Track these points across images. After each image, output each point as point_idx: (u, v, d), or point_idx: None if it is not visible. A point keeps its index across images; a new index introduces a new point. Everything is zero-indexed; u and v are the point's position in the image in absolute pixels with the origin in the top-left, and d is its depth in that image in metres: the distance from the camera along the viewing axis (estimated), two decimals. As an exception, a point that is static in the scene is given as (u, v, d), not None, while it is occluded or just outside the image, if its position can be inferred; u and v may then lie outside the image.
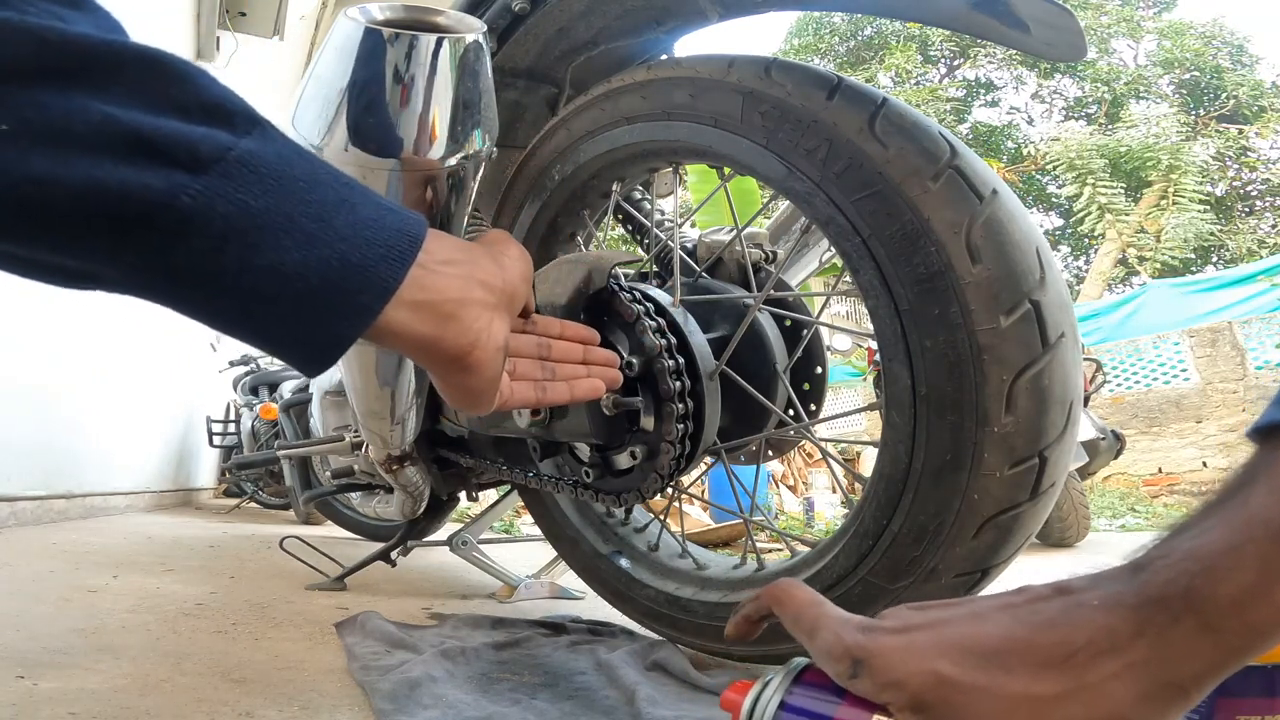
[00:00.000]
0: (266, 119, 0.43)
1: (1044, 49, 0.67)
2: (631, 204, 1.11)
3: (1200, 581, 0.31)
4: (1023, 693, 0.32)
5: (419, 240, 0.46)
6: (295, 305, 0.42)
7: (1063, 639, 0.33)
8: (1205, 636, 0.30)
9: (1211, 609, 0.30)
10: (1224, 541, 0.31)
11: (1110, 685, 0.31)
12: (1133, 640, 0.31)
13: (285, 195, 0.41)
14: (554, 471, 0.98)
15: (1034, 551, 3.03)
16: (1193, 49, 16.14)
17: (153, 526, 2.96)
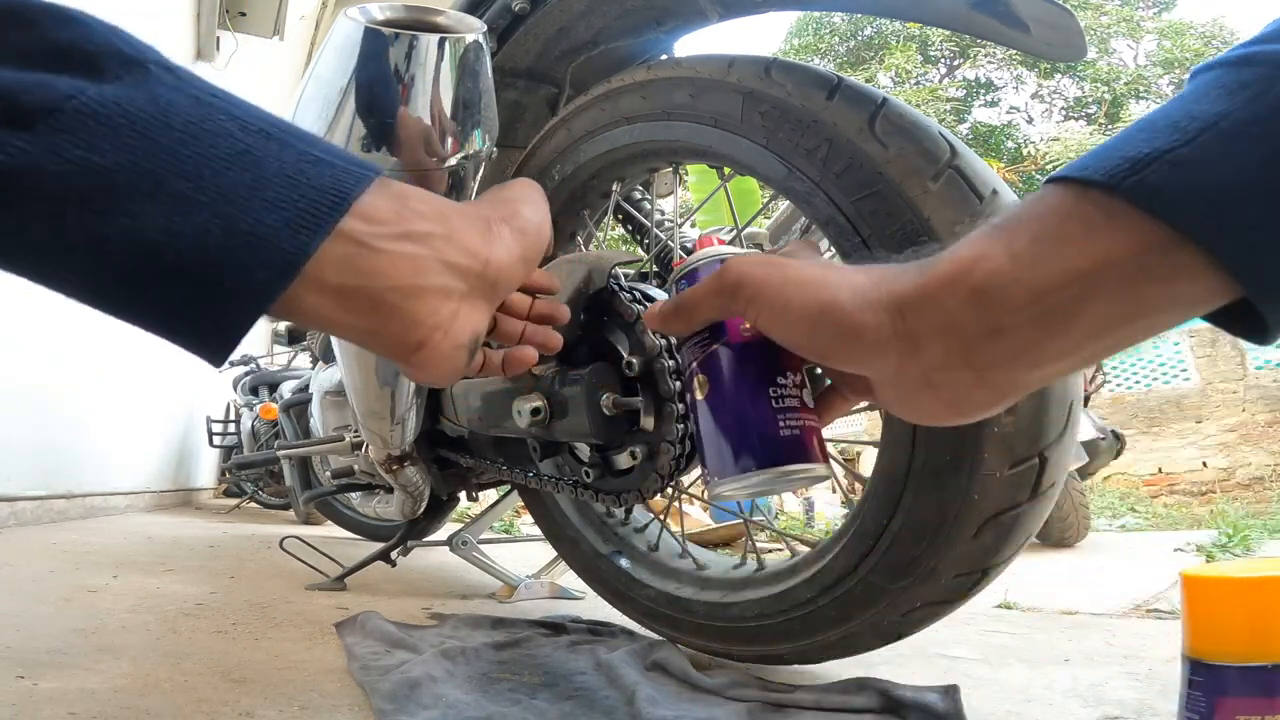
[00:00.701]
0: (161, 60, 0.36)
1: (1044, 49, 0.67)
2: (631, 204, 1.11)
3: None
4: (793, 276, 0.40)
5: (346, 200, 0.37)
6: (166, 284, 0.35)
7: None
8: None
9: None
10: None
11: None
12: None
13: (150, 150, 0.34)
14: (554, 471, 0.98)
15: (1034, 551, 3.03)
16: (1193, 49, 16.14)
17: (153, 526, 2.96)
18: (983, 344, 0.35)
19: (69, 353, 2.95)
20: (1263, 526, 4.02)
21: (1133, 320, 0.34)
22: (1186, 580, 0.57)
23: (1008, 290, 0.34)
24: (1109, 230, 0.33)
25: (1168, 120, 0.33)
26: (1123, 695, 0.90)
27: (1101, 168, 0.33)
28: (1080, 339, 0.34)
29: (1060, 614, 1.57)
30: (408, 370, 0.45)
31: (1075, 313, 0.34)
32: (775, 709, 0.78)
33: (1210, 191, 0.32)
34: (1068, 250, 0.33)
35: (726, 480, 0.45)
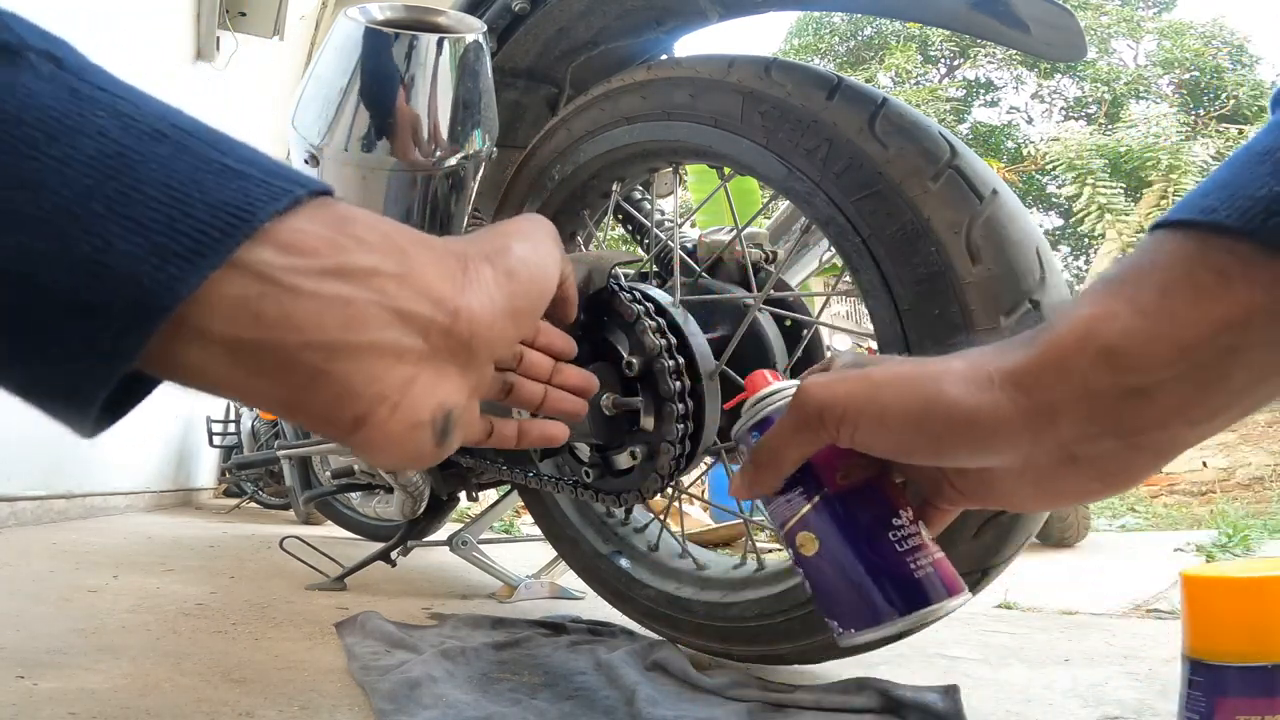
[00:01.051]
0: (47, 50, 0.28)
1: (1044, 49, 0.67)
2: (631, 204, 1.11)
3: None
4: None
5: (251, 220, 0.27)
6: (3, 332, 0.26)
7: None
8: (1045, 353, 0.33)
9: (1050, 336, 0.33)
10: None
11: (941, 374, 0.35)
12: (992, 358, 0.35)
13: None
14: (554, 471, 0.98)
15: (1034, 551, 3.03)
16: (1193, 49, 16.14)
17: (153, 526, 2.96)
18: (1128, 407, 0.32)
19: (69, 353, 2.95)
20: (1263, 526, 4.02)
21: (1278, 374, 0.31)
22: (1186, 580, 0.57)
23: (1147, 347, 0.31)
24: (1249, 278, 0.30)
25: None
26: (1123, 695, 0.90)
27: (1227, 210, 0.30)
28: (1240, 389, 0.31)
29: (1060, 614, 1.57)
30: (355, 451, 0.34)
31: (1229, 364, 0.30)
32: (775, 709, 0.78)
33: None
34: (1203, 303, 0.30)
35: (865, 632, 0.42)
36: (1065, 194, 13.77)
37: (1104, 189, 11.90)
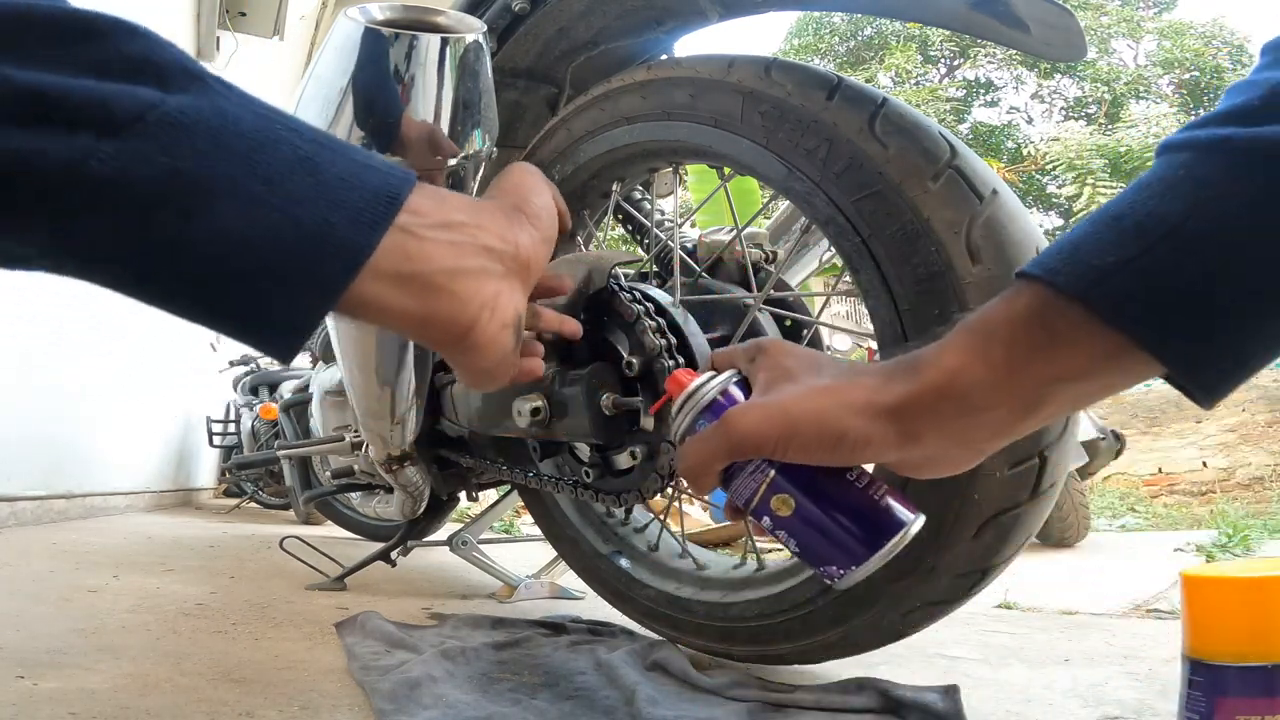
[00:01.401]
0: (215, 76, 0.38)
1: (1044, 49, 0.67)
2: (631, 204, 1.11)
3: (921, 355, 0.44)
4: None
5: (398, 200, 0.40)
6: (243, 280, 0.37)
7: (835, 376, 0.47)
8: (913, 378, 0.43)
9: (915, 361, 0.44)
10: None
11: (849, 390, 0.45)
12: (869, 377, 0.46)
13: (225, 156, 0.36)
14: (554, 471, 0.98)
15: (1034, 551, 3.03)
16: (1193, 49, 16.15)
17: (153, 526, 2.96)
18: (968, 431, 0.43)
19: (69, 353, 2.95)
20: (1263, 526, 4.02)
21: (1089, 399, 0.42)
22: (1186, 580, 0.57)
23: (988, 395, 0.41)
24: (1072, 339, 0.39)
25: (1134, 220, 0.38)
26: (1123, 695, 0.90)
27: (1068, 273, 0.38)
28: (1042, 418, 0.42)
29: (1060, 614, 1.57)
30: (462, 361, 0.46)
31: (1043, 404, 0.41)
32: (775, 709, 0.78)
33: (1160, 304, 0.37)
34: (1036, 358, 0.40)
35: (863, 566, 0.47)
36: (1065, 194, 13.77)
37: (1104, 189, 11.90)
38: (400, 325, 0.43)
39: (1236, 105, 0.38)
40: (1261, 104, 0.37)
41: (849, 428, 0.44)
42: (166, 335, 4.04)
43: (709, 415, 0.50)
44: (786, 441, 0.45)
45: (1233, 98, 0.39)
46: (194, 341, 4.71)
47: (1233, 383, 0.39)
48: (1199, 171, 0.38)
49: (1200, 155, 0.38)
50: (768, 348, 0.50)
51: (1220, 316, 0.37)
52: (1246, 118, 0.37)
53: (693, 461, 0.49)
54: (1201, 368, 0.38)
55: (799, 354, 0.50)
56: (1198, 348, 0.38)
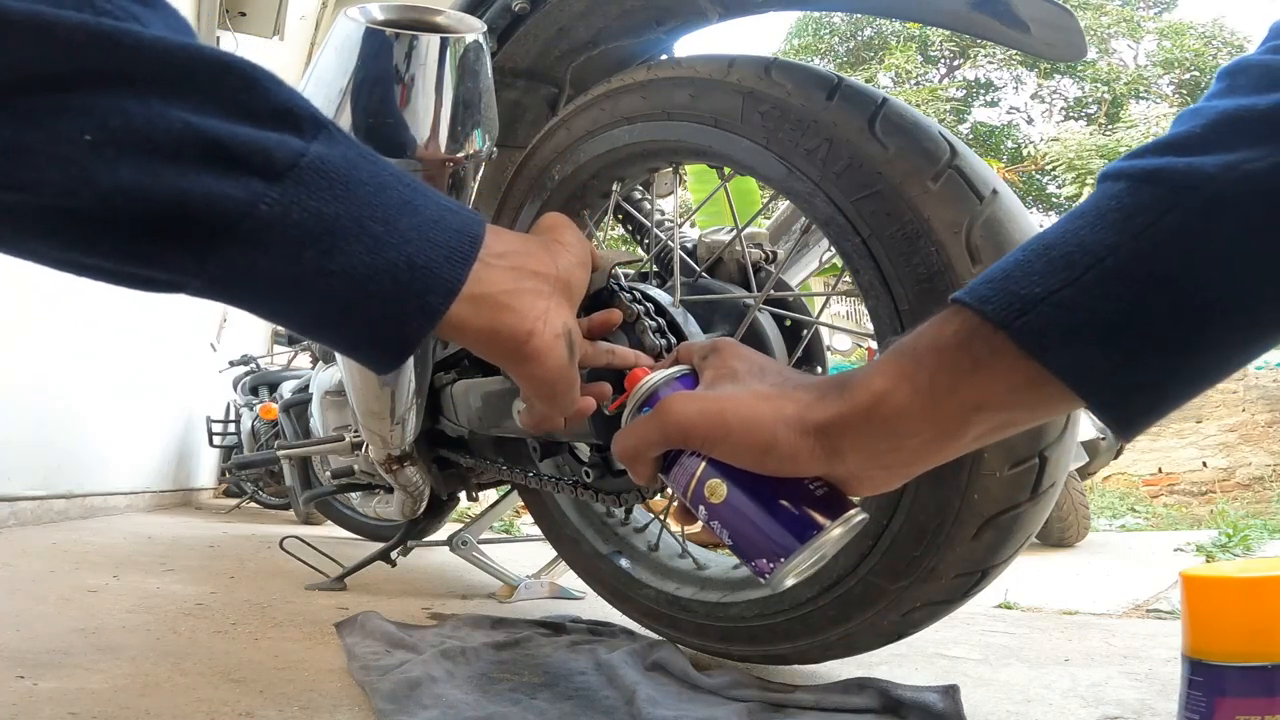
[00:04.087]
0: (330, 120, 0.43)
1: (1044, 49, 0.67)
2: (631, 204, 1.11)
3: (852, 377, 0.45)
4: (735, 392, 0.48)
5: (479, 239, 0.47)
6: (367, 309, 0.43)
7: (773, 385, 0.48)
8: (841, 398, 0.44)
9: (846, 380, 0.45)
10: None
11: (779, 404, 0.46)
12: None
13: (354, 200, 0.42)
14: (554, 471, 0.98)
15: (1034, 551, 3.03)
16: (1193, 49, 16.14)
17: (153, 526, 2.96)
18: (891, 453, 0.44)
19: (68, 353, 2.95)
20: (1263, 526, 4.02)
21: (1012, 428, 0.43)
22: (1186, 580, 0.57)
23: (911, 420, 0.42)
24: (993, 367, 0.39)
25: (1063, 250, 0.38)
26: (1123, 695, 0.90)
27: (996, 302, 0.39)
28: (965, 444, 0.43)
29: (1060, 614, 1.57)
30: (525, 371, 0.52)
31: (962, 430, 0.42)
32: (775, 709, 0.78)
33: (1082, 336, 0.37)
34: (959, 385, 0.40)
35: (794, 556, 0.46)
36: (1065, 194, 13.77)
37: (1104, 189, 11.85)
38: (474, 339, 0.49)
39: (1178, 135, 0.38)
40: (1202, 134, 0.37)
41: (778, 439, 0.45)
42: (166, 335, 4.04)
43: (650, 405, 0.51)
44: (716, 440, 0.46)
45: (1177, 126, 0.39)
46: (194, 342, 4.71)
47: (1152, 417, 0.39)
48: (1129, 202, 0.37)
49: (1133, 185, 0.38)
50: (721, 347, 0.52)
51: (1140, 352, 0.37)
52: (1184, 148, 0.37)
53: (627, 444, 0.50)
54: (1118, 402, 0.38)
55: (748, 356, 0.51)
56: (1115, 381, 0.37)
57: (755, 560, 0.47)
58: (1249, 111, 0.36)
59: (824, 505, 0.46)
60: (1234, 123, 0.36)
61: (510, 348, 0.50)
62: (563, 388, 0.54)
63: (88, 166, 0.36)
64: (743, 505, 0.47)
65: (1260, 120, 0.35)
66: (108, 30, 0.36)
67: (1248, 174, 0.35)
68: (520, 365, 0.51)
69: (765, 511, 0.46)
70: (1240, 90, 0.37)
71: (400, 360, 0.46)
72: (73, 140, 0.36)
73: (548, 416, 0.57)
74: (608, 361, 0.61)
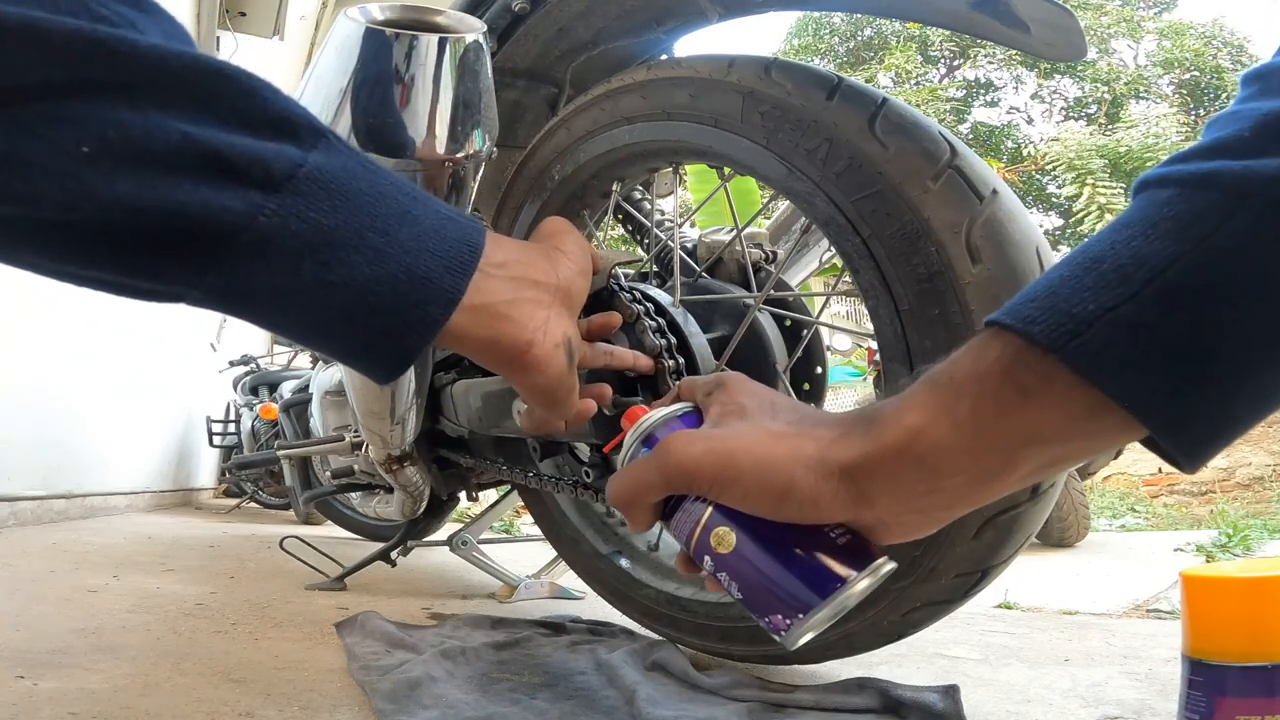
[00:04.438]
0: (328, 129, 0.43)
1: (1044, 49, 0.67)
2: (631, 204, 1.11)
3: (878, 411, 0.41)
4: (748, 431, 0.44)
5: (479, 249, 0.46)
6: (366, 319, 0.43)
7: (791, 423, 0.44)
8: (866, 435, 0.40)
9: (873, 416, 0.41)
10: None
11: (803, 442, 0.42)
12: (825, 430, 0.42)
13: (353, 211, 0.41)
14: (554, 471, 0.98)
15: (1034, 551, 3.03)
16: (1193, 49, 16.14)
17: (153, 526, 2.96)
18: (927, 496, 0.39)
19: (68, 353, 2.95)
20: (1263, 526, 4.01)
21: (1064, 463, 0.38)
22: (1186, 580, 0.57)
23: (951, 458, 0.38)
24: (1044, 396, 0.35)
25: (1115, 264, 0.34)
26: (1123, 695, 0.90)
27: (1044, 323, 0.35)
28: (1010, 484, 0.38)
29: (1060, 614, 1.57)
30: (524, 379, 0.51)
31: (1009, 468, 0.37)
32: (775, 709, 0.78)
33: (1144, 357, 0.33)
34: (1006, 418, 0.36)
35: (814, 612, 0.41)
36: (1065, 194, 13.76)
37: (1104, 189, 11.89)
38: (473, 348, 0.49)
39: (1223, 138, 0.35)
40: (1253, 135, 0.34)
41: (797, 482, 0.40)
42: (166, 335, 4.04)
43: (650, 447, 0.46)
44: (725, 483, 0.42)
45: (1216, 130, 0.36)
46: (194, 342, 4.71)
47: (1220, 444, 0.35)
48: (1184, 209, 0.34)
49: (1186, 192, 0.34)
50: (727, 382, 0.48)
51: (1210, 372, 0.33)
52: (1235, 151, 0.34)
53: (623, 488, 0.45)
54: (1187, 428, 0.34)
55: (758, 392, 0.47)
56: (1184, 407, 0.34)
57: (769, 616, 0.43)
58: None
59: (848, 555, 0.41)
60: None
61: (510, 357, 0.50)
62: (562, 395, 0.53)
63: (85, 179, 0.36)
64: (755, 556, 0.42)
65: None
66: (103, 38, 0.36)
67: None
68: (520, 374, 0.51)
69: (781, 563, 0.42)
70: (1276, 92, 0.35)
71: (401, 370, 0.46)
72: (69, 152, 0.35)
73: (547, 420, 0.58)
74: (606, 363, 0.62)
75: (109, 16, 0.37)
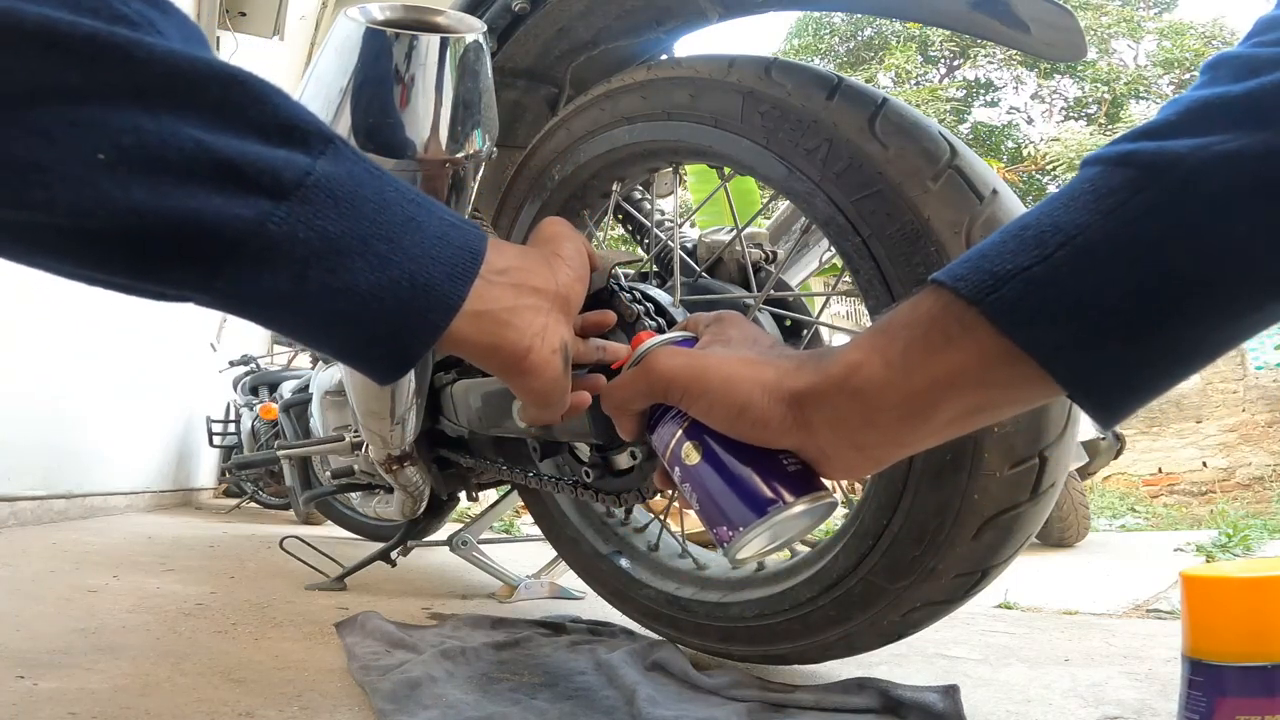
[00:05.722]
0: (335, 135, 0.43)
1: (1044, 49, 0.67)
2: (631, 204, 1.11)
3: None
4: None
5: (480, 256, 0.47)
6: (370, 325, 0.44)
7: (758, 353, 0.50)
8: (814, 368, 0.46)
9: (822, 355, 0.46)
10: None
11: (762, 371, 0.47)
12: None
13: (358, 218, 0.42)
14: (554, 471, 0.98)
15: (1034, 551, 3.03)
16: (1193, 49, 16.13)
17: (153, 526, 2.96)
18: (862, 431, 0.44)
19: (68, 353, 2.95)
20: (1263, 526, 4.02)
21: (981, 411, 0.42)
22: (1186, 580, 0.57)
23: (881, 393, 0.42)
24: (964, 342, 0.40)
25: (1036, 230, 0.39)
26: (1123, 695, 0.90)
27: (969, 279, 0.39)
28: (937, 426, 0.42)
29: (1060, 614, 1.57)
30: (521, 383, 0.52)
31: (933, 409, 0.42)
32: (775, 709, 0.78)
33: (1051, 312, 0.37)
34: (931, 360, 0.41)
35: (752, 527, 0.46)
36: (1065, 194, 13.74)
37: (1104, 189, 11.85)
38: (473, 353, 0.50)
39: (1154, 122, 0.38)
40: (1176, 120, 0.37)
41: (753, 402, 0.46)
42: (166, 335, 4.04)
43: None
44: (695, 395, 0.48)
45: (1157, 116, 0.39)
46: (194, 342, 4.71)
47: (1128, 401, 0.39)
48: (1102, 184, 0.38)
49: (1107, 169, 0.38)
50: (724, 317, 0.54)
51: (1110, 329, 0.37)
52: (1158, 134, 0.38)
53: (614, 394, 0.53)
54: (1093, 381, 0.38)
55: (747, 328, 0.53)
56: (1088, 359, 0.37)
57: (717, 528, 0.48)
58: (1223, 98, 0.37)
59: (792, 482, 0.46)
60: (1208, 109, 0.37)
61: (509, 362, 0.51)
62: (555, 398, 0.55)
63: (102, 187, 0.36)
64: (715, 469, 0.48)
65: (1233, 105, 0.36)
66: (119, 41, 0.36)
67: (1217, 155, 0.35)
68: (517, 378, 0.52)
69: (733, 478, 0.47)
70: (1220, 81, 0.38)
71: (402, 373, 0.47)
72: (86, 159, 0.36)
73: (540, 417, 0.58)
74: (599, 359, 0.62)
75: (129, 16, 0.37)
